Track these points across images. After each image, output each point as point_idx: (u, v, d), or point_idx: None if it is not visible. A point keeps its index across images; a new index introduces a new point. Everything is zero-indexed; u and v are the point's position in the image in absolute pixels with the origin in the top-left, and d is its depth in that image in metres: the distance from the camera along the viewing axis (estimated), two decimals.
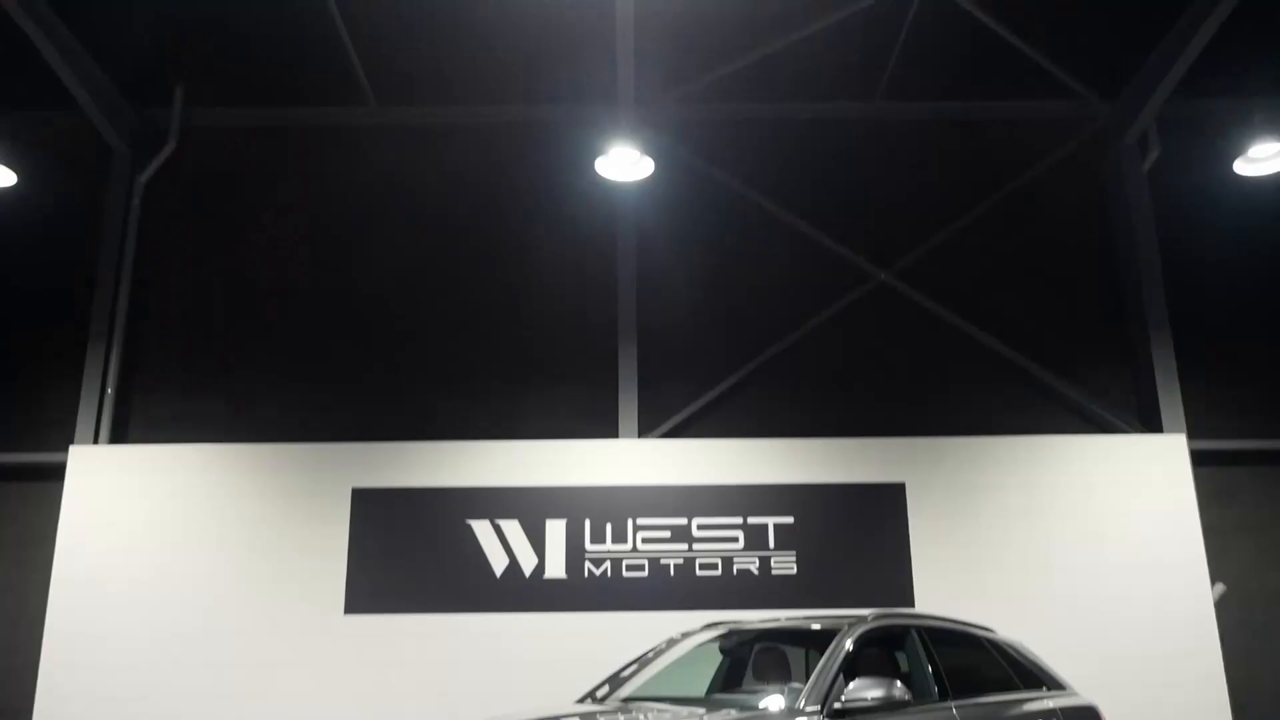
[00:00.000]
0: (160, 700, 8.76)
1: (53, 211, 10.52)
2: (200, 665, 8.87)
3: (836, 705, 4.92)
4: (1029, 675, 6.52)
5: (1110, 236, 10.58)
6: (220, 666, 8.88)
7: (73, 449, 9.45)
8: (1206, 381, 10.06)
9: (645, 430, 9.81)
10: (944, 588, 9.07)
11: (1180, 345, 10.00)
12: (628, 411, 9.79)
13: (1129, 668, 8.86)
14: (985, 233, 10.54)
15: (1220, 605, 9.19)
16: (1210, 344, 10.22)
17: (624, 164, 9.44)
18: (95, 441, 9.63)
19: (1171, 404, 9.76)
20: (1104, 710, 6.78)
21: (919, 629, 5.96)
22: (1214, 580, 9.24)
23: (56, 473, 9.44)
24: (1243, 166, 9.64)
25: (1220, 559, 9.48)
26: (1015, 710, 6.07)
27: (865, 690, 4.93)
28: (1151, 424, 9.83)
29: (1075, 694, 6.74)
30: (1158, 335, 9.96)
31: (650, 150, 9.47)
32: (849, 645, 5.34)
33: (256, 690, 8.82)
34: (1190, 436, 9.65)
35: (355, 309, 10.30)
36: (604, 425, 9.85)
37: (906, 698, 5.03)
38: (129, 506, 9.26)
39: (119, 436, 9.82)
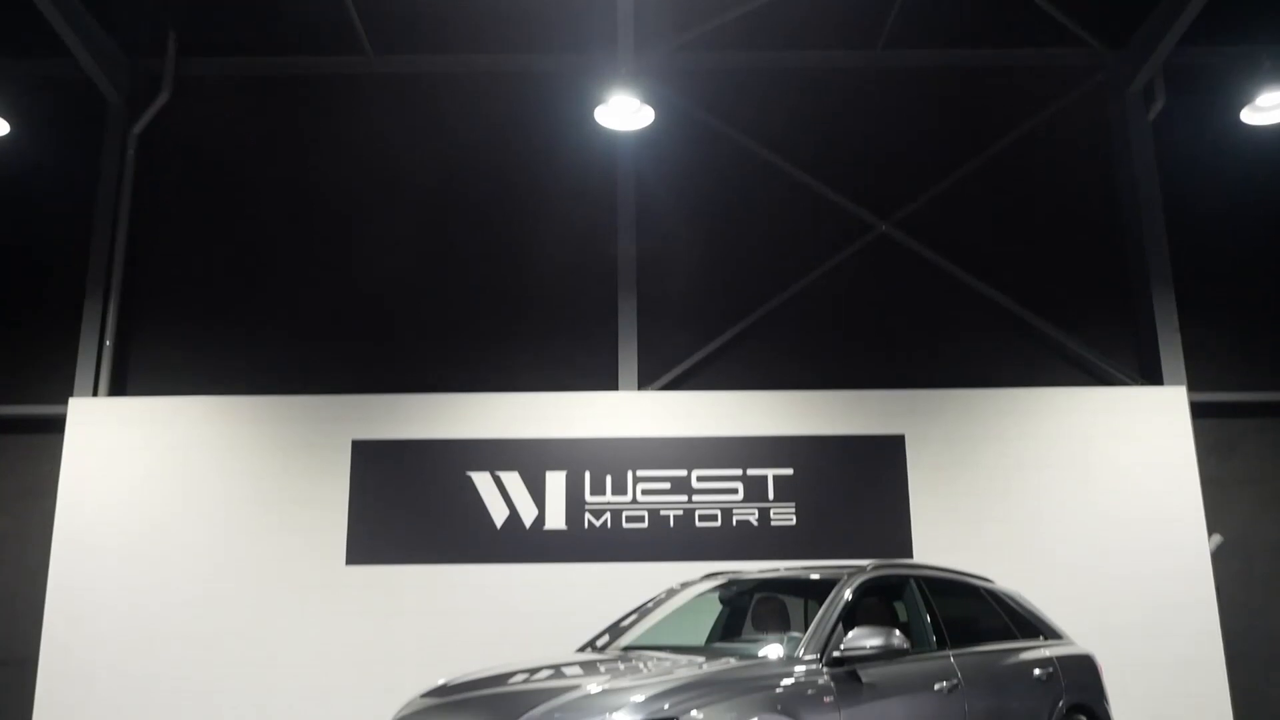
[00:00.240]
0: (164, 650, 8.84)
1: (47, 162, 10.42)
2: (203, 616, 8.94)
3: (835, 654, 4.95)
4: (1026, 625, 6.57)
5: (1114, 187, 10.49)
6: (223, 617, 8.94)
7: (72, 401, 9.44)
8: (1208, 333, 10.04)
9: (645, 382, 9.80)
10: (942, 539, 9.12)
11: (1182, 297, 9.96)
12: (627, 363, 9.78)
13: (1125, 618, 8.93)
14: (987, 183, 10.45)
15: (1217, 556, 9.24)
16: (1213, 295, 10.18)
17: (624, 113, 9.33)
18: (95, 394, 9.62)
19: (1172, 356, 9.74)
20: (1100, 659, 6.85)
21: (918, 579, 5.99)
22: (1211, 532, 9.28)
23: (56, 425, 9.45)
24: (1250, 115, 9.53)
25: (1219, 511, 9.52)
26: (1012, 659, 6.12)
27: (864, 639, 4.96)
28: (1152, 376, 9.82)
29: (1072, 643, 6.80)
30: (1160, 287, 9.92)
31: (650, 99, 9.35)
32: (848, 595, 5.37)
33: (260, 639, 8.90)
34: (1191, 388, 9.65)
35: (353, 261, 10.24)
36: (603, 377, 9.84)
37: (905, 646, 5.07)
38: (129, 459, 9.27)
39: (118, 389, 9.82)
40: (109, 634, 8.86)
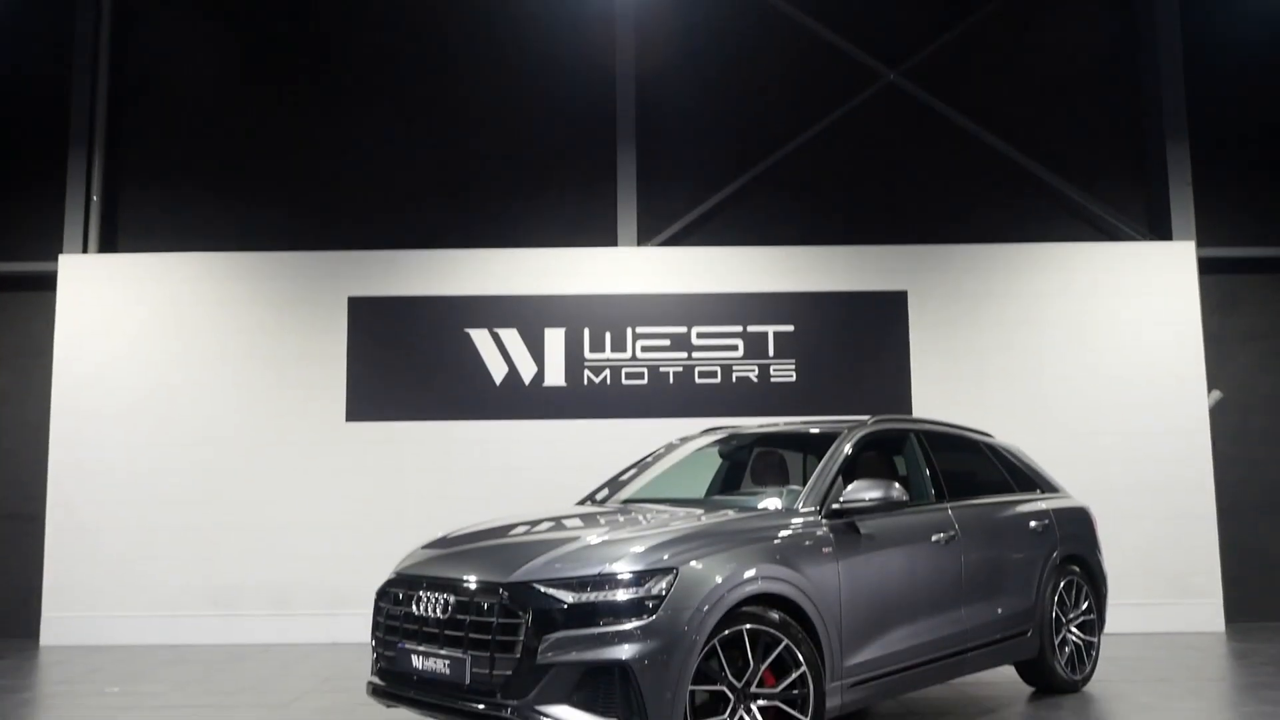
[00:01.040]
0: (166, 505, 8.95)
1: (22, 6, 9.96)
2: (204, 472, 9.02)
3: (835, 506, 4.96)
4: (1024, 478, 6.61)
5: (1132, 35, 10.07)
6: (224, 473, 9.03)
7: (62, 258, 9.30)
8: (1221, 187, 9.81)
9: (645, 238, 9.63)
10: (943, 395, 9.12)
11: (1196, 150, 9.69)
12: (627, 219, 9.58)
13: (1122, 472, 9.03)
14: (999, 31, 10.04)
15: (1214, 412, 9.26)
16: (1227, 148, 9.91)
17: None
18: (85, 250, 9.46)
19: (1183, 210, 9.55)
20: (1094, 512, 6.92)
21: (918, 433, 5.98)
22: (1211, 389, 9.28)
23: (48, 282, 9.34)
24: None
25: (1220, 367, 9.51)
26: (1009, 511, 6.17)
27: (863, 491, 4.96)
28: (1161, 231, 9.64)
29: (1068, 496, 6.86)
30: (1174, 140, 9.63)
31: None
32: (848, 448, 5.36)
33: (261, 494, 9.00)
34: (1199, 244, 9.49)
35: (348, 112, 9.91)
36: (603, 233, 9.66)
37: (904, 498, 5.07)
38: (124, 316, 9.20)
39: (109, 245, 9.65)
40: (112, 490, 8.96)
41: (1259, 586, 9.39)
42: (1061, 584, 6.29)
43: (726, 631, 4.25)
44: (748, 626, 4.31)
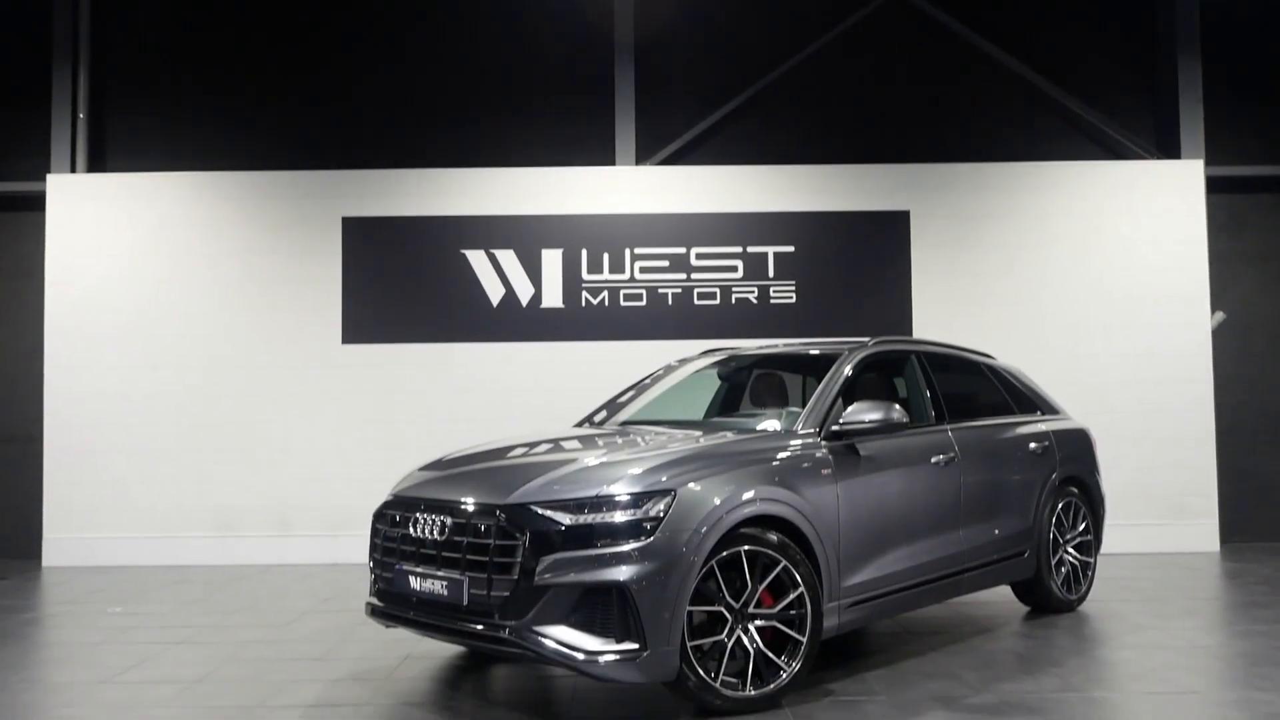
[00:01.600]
0: (163, 428, 8.94)
1: None
2: (201, 394, 8.98)
3: (834, 427, 4.92)
4: (1025, 400, 6.57)
5: None
6: (221, 395, 8.99)
7: (50, 178, 9.13)
8: (1232, 105, 9.60)
9: (643, 157, 9.45)
10: (944, 317, 9.04)
11: (1207, 66, 9.45)
12: (624, 137, 9.39)
13: (1122, 393, 9.01)
14: None
15: (1216, 334, 9.20)
16: (1239, 65, 9.66)
17: None
18: (73, 170, 9.29)
19: (1192, 127, 9.35)
20: (1094, 434, 6.90)
21: (919, 354, 5.92)
22: (1214, 310, 9.20)
23: (37, 203, 9.19)
24: None
25: (1225, 288, 9.41)
26: (1010, 433, 6.14)
27: (863, 413, 4.91)
28: (1169, 149, 9.45)
29: (1068, 418, 6.83)
30: (1186, 56, 9.39)
31: None
32: (848, 370, 5.30)
33: (257, 417, 8.98)
34: (1208, 162, 9.32)
35: (342, 28, 9.65)
36: (600, 152, 9.47)
37: (905, 420, 5.03)
38: (115, 237, 9.07)
39: (98, 165, 9.46)
40: (109, 412, 8.93)
41: (1253, 507, 9.43)
42: (1060, 505, 6.29)
43: (725, 553, 4.24)
44: (746, 548, 4.30)
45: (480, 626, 4.15)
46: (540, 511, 4.13)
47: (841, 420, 4.93)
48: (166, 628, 6.23)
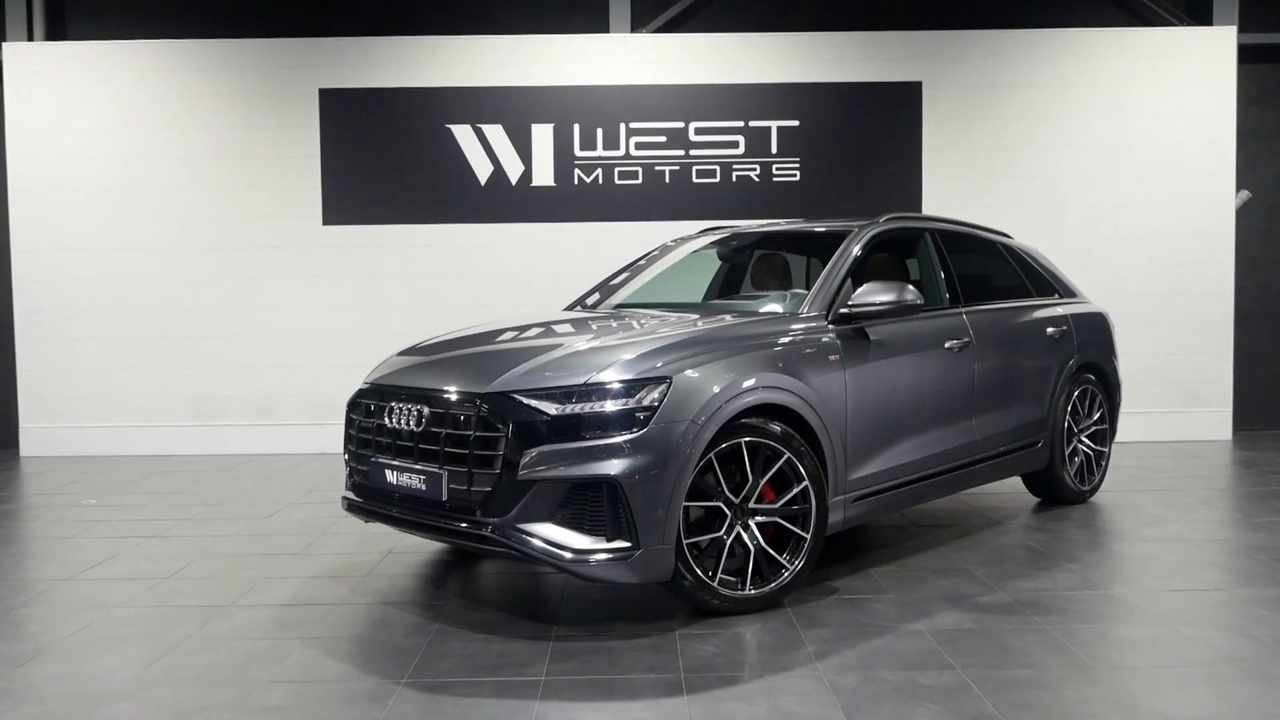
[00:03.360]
0: (139, 312, 8.58)
1: None
2: (177, 279, 8.60)
3: (843, 310, 4.56)
4: (1042, 282, 6.20)
5: None
6: (197, 279, 8.61)
7: (5, 46, 8.56)
8: None
9: (638, 24, 8.84)
10: (956, 197, 8.61)
11: None
12: (619, 2, 8.76)
13: (1140, 275, 8.66)
14: None
15: (1239, 214, 8.77)
16: None
17: None
18: (30, 38, 8.69)
19: None
20: (1112, 318, 6.56)
21: (932, 232, 5.52)
22: (1239, 188, 8.76)
23: None
24: None
25: (1253, 165, 8.94)
26: (1026, 316, 5.79)
27: (874, 294, 4.54)
28: (1200, 14, 8.85)
29: (1086, 301, 6.48)
30: None
31: None
32: (857, 249, 4.91)
33: (237, 303, 8.62)
34: (1241, 29, 8.74)
35: None
36: (593, 18, 8.86)
37: (919, 302, 4.66)
38: (77, 111, 8.55)
39: (56, 33, 8.86)
40: (81, 297, 8.56)
41: (1266, 394, 9.15)
42: (1075, 393, 5.98)
43: (724, 445, 3.93)
44: (747, 439, 3.99)
45: (463, 524, 3.87)
46: (524, 400, 3.80)
47: (851, 302, 4.57)
48: (142, 520, 5.98)
